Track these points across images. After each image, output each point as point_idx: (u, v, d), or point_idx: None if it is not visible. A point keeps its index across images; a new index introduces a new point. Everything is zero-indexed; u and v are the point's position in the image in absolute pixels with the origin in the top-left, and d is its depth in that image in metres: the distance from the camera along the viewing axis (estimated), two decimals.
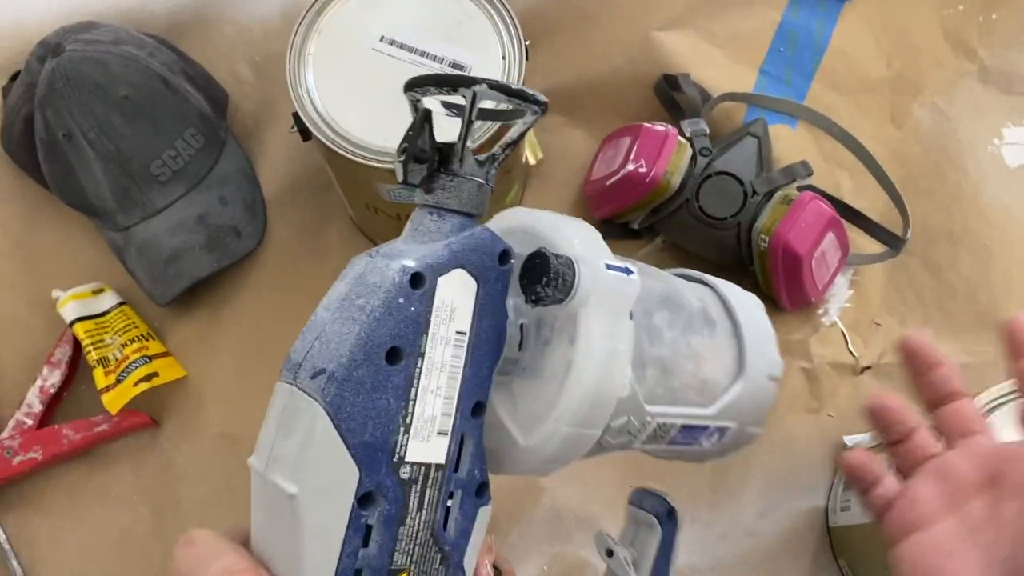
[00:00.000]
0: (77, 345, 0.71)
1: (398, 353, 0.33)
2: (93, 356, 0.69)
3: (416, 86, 0.35)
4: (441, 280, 0.33)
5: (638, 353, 0.38)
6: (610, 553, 0.48)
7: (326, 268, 0.76)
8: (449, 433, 0.34)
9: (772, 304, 0.74)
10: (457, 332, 0.34)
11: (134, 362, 0.69)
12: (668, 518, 0.48)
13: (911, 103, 0.79)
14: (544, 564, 0.69)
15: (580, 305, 0.35)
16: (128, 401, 0.68)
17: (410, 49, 0.62)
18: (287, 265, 0.75)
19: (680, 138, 0.70)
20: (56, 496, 0.70)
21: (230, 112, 0.78)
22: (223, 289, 0.75)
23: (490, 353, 0.36)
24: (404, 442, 0.33)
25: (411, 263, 0.33)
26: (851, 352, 0.73)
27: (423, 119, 0.35)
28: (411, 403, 0.33)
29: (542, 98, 0.35)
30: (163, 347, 0.73)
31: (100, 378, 0.69)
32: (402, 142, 0.35)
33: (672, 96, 0.76)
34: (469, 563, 0.36)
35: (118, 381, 0.69)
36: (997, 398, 0.56)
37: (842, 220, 0.70)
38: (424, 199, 0.35)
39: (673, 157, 0.69)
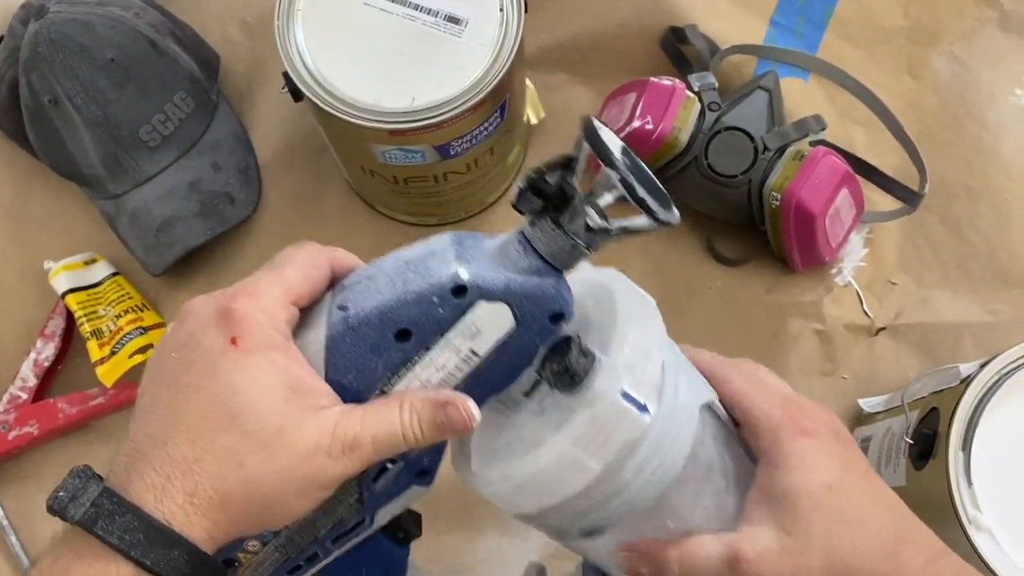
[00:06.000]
0: (71, 317, 0.70)
1: (408, 335, 0.35)
2: (86, 328, 0.68)
3: (584, 130, 0.35)
4: (483, 303, 0.35)
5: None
6: None
7: (323, 235, 0.72)
8: None
9: (784, 265, 0.71)
10: (471, 351, 0.36)
11: (128, 334, 0.68)
12: None
13: (929, 53, 0.76)
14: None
15: (580, 406, 0.35)
16: (123, 374, 0.67)
17: (404, 2, 0.59)
18: (283, 232, 0.73)
19: (688, 92, 0.67)
20: (54, 470, 0.69)
21: (221, 75, 0.76)
22: (218, 258, 0.73)
23: (494, 384, 0.38)
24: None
25: (465, 275, 0.35)
26: (866, 313, 0.71)
27: (562, 163, 0.35)
28: (396, 378, 0.36)
29: (661, 217, 0.34)
30: (158, 318, 0.71)
31: (94, 351, 0.67)
32: (534, 170, 0.35)
33: (679, 49, 0.73)
34: (381, 519, 0.40)
35: (112, 353, 0.67)
36: (1019, 358, 0.53)
37: (857, 176, 0.68)
38: (524, 227, 0.36)
39: (681, 112, 0.66)
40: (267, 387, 0.34)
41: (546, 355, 0.36)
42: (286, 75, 0.59)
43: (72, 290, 0.69)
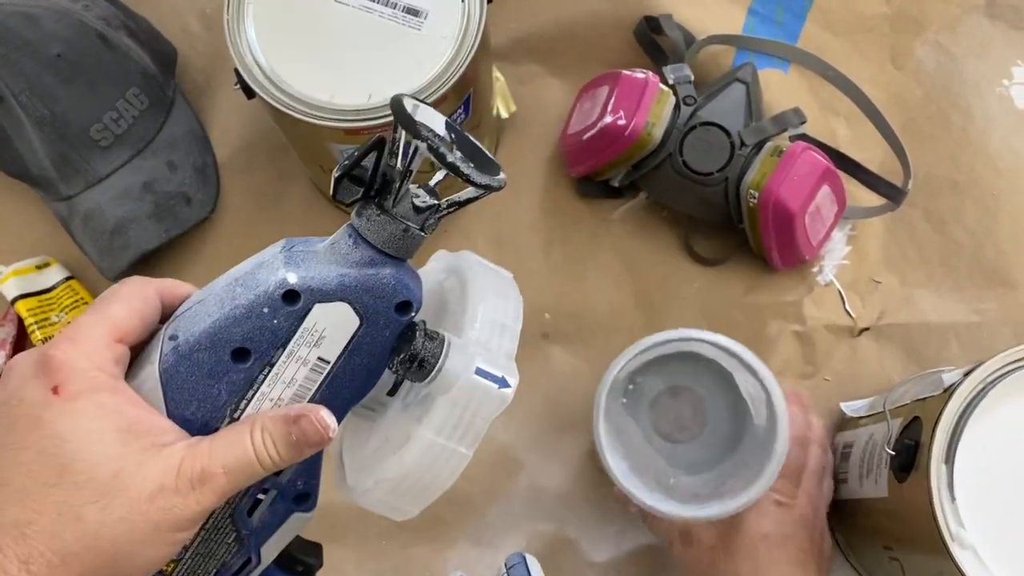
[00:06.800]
0: (22, 324, 0.67)
1: (245, 354, 0.33)
2: (37, 336, 0.65)
3: (391, 105, 0.33)
4: (319, 306, 0.33)
5: None
6: None
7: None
8: None
9: (763, 264, 0.69)
10: (319, 359, 0.34)
11: None
12: None
13: (913, 41, 0.73)
14: (524, 542, 0.66)
15: (439, 392, 0.34)
16: None
17: None
18: (243, 234, 0.70)
19: (662, 86, 0.64)
20: None
21: (179, 69, 0.73)
22: (175, 261, 0.70)
23: (352, 389, 0.35)
24: None
25: (293, 279, 0.32)
26: (848, 313, 0.69)
27: (374, 145, 0.33)
28: (244, 402, 0.34)
29: (479, 179, 0.32)
30: None
31: None
32: (347, 156, 0.33)
33: (654, 40, 0.70)
34: (268, 553, 0.37)
35: None
36: (1004, 366, 0.51)
37: (838, 171, 0.65)
38: (352, 218, 0.34)
39: (654, 107, 0.63)
40: (96, 431, 0.31)
41: (394, 347, 0.34)
42: (237, 72, 0.56)
43: (22, 296, 0.66)
